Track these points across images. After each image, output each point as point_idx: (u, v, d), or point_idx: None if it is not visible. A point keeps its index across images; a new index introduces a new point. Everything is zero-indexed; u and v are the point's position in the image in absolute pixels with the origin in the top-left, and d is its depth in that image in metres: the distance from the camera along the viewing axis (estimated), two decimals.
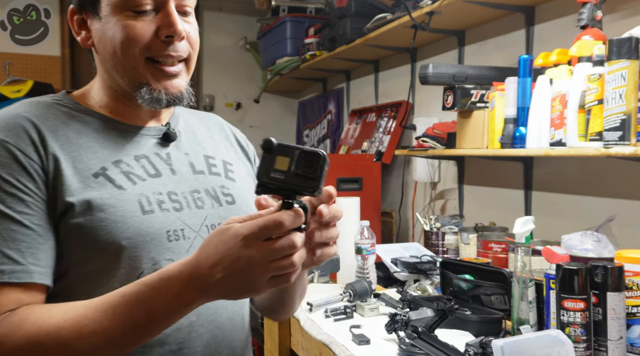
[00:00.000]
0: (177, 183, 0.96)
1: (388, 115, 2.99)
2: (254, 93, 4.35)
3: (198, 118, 1.13)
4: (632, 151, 1.30)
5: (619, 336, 1.17)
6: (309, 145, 4.11)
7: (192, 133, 1.07)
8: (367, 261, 1.87)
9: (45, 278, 0.83)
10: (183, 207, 0.94)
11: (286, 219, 0.71)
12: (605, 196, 1.74)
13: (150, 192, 0.91)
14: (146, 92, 0.92)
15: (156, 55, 0.92)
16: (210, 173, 1.02)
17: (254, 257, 0.71)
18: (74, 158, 0.88)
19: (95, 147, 0.92)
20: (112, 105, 0.98)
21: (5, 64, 3.75)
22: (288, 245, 0.71)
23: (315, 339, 1.50)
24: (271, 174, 0.73)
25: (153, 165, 0.95)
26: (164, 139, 1.00)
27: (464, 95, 1.90)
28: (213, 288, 0.74)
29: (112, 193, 0.88)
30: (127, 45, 0.90)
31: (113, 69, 0.94)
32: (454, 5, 2.00)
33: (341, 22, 2.87)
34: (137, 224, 0.87)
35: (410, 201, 2.77)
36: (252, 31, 4.19)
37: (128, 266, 0.87)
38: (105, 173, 0.89)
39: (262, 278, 0.73)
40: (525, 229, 1.49)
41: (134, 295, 0.77)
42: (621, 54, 1.31)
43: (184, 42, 0.93)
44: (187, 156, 1.01)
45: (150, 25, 0.90)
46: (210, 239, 0.75)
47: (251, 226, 0.71)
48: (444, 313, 1.32)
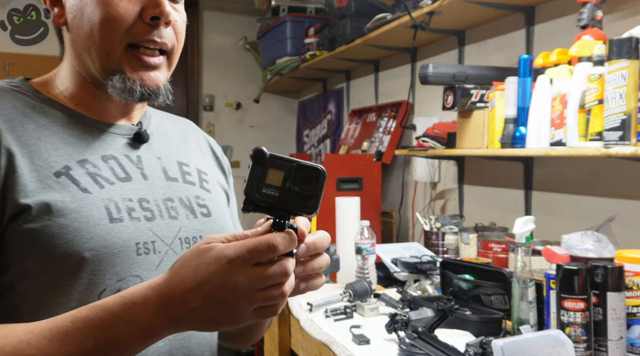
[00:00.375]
0: (148, 189, 0.85)
1: (388, 115, 2.99)
2: (254, 93, 4.35)
3: (172, 121, 1.02)
4: (632, 151, 1.30)
5: (619, 336, 1.17)
6: (308, 145, 4.11)
7: (165, 136, 0.96)
8: (367, 261, 1.87)
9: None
10: (155, 217, 0.83)
11: (280, 242, 0.62)
12: (605, 196, 1.74)
13: (119, 197, 0.80)
14: (118, 81, 0.81)
15: (138, 40, 0.81)
16: (184, 182, 0.91)
17: (241, 283, 0.61)
18: (32, 154, 0.76)
19: (58, 142, 0.80)
20: (78, 96, 0.86)
21: (5, 64, 3.75)
22: (280, 272, 0.62)
23: (315, 339, 1.50)
24: (263, 190, 0.63)
25: (122, 167, 0.84)
26: (135, 140, 0.89)
27: (464, 95, 1.90)
28: (186, 318, 0.63)
29: (75, 196, 0.76)
30: (107, 26, 0.79)
31: (85, 51, 0.82)
32: (454, 5, 2.00)
33: (341, 22, 2.87)
34: (103, 234, 0.76)
35: (410, 201, 2.77)
36: (252, 31, 4.19)
37: (88, 282, 0.74)
38: (68, 173, 0.77)
39: (247, 308, 0.63)
40: (525, 229, 1.49)
41: (88, 321, 0.64)
42: (621, 53, 1.31)
43: (170, 29, 0.84)
44: (160, 160, 0.90)
45: (135, 5, 0.80)
46: (187, 260, 0.64)
47: (239, 248, 0.61)
48: (444, 313, 1.32)
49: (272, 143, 4.35)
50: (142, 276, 0.78)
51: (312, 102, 4.14)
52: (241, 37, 4.27)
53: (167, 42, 0.84)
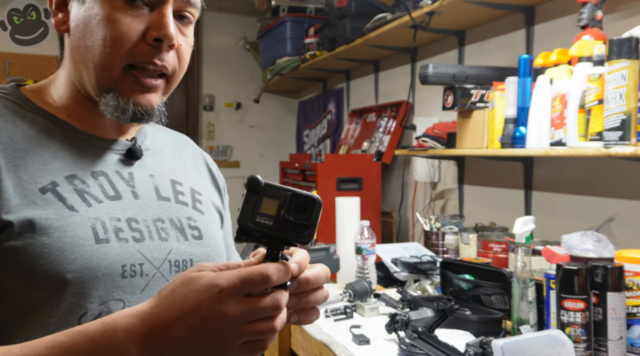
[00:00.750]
0: (138, 208, 0.81)
1: (388, 115, 2.99)
2: (254, 93, 4.35)
3: (168, 137, 0.98)
4: (632, 151, 1.30)
5: (619, 336, 1.17)
6: (308, 145, 4.12)
7: (160, 153, 0.92)
8: (367, 261, 1.87)
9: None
10: (144, 238, 0.79)
11: (274, 273, 0.59)
12: (605, 196, 1.74)
13: (107, 217, 0.76)
14: (112, 99, 0.78)
15: (138, 61, 0.77)
16: (176, 202, 0.87)
17: (231, 314, 0.58)
18: (17, 167, 0.73)
19: (46, 156, 0.76)
20: (72, 108, 0.83)
21: (5, 64, 3.75)
22: (272, 305, 0.60)
23: (315, 339, 1.50)
24: (257, 219, 0.62)
25: (112, 185, 0.80)
26: (128, 156, 0.85)
27: (464, 95, 1.90)
28: (170, 349, 0.59)
29: (61, 214, 0.72)
30: (109, 43, 0.75)
31: (82, 64, 0.79)
32: (454, 5, 2.00)
33: (341, 22, 2.87)
34: (87, 255, 0.72)
35: (410, 201, 2.77)
36: (252, 31, 4.19)
37: (69, 304, 0.70)
38: (55, 190, 0.74)
39: (235, 341, 0.60)
40: (525, 229, 1.49)
41: (64, 348, 0.60)
42: (621, 53, 1.31)
43: (172, 53, 0.80)
44: (152, 178, 0.86)
45: (139, 24, 0.76)
46: (176, 287, 0.60)
47: (232, 277, 0.58)
48: (444, 313, 1.32)
49: (272, 143, 4.35)
50: (125, 300, 0.74)
51: (312, 102, 4.15)
52: (241, 37, 4.27)
53: (168, 66, 0.80)
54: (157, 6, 0.77)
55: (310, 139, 4.10)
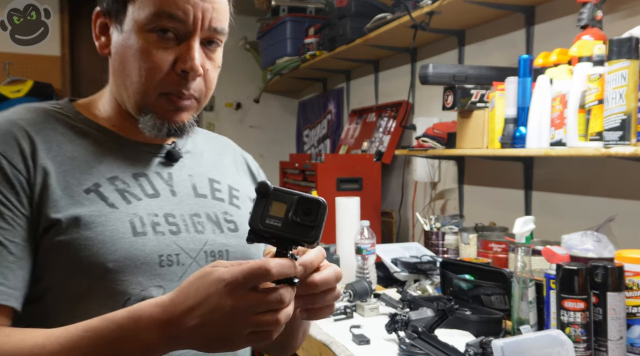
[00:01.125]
0: (176, 205, 0.89)
1: (388, 115, 2.99)
2: (254, 93, 4.35)
3: (209, 139, 1.07)
4: (632, 151, 1.30)
5: (619, 336, 1.17)
6: (308, 145, 4.12)
7: (200, 154, 1.01)
8: (367, 261, 1.87)
9: (11, 299, 0.76)
10: (181, 231, 0.87)
11: (273, 267, 0.64)
12: (605, 196, 1.74)
13: (144, 212, 0.85)
14: (149, 119, 0.87)
15: (169, 90, 0.86)
16: (213, 198, 0.95)
17: (236, 306, 0.64)
18: (65, 172, 0.82)
19: (92, 161, 0.85)
20: (115, 119, 0.92)
21: (5, 63, 3.75)
22: (275, 300, 0.65)
23: (315, 339, 1.50)
24: (266, 221, 0.67)
25: (152, 184, 0.89)
26: (167, 158, 0.94)
27: (464, 95, 1.90)
28: (184, 336, 0.67)
29: (102, 211, 0.81)
30: (144, 74, 0.84)
31: (122, 87, 0.88)
32: (454, 5, 2.00)
33: (341, 22, 2.87)
34: (126, 246, 0.80)
35: (410, 201, 2.77)
36: (252, 31, 4.19)
37: (113, 290, 0.79)
38: (97, 190, 0.83)
39: (241, 332, 0.66)
40: (525, 229, 1.49)
41: (97, 332, 0.69)
42: (621, 53, 1.31)
43: (199, 80, 0.87)
44: (191, 178, 0.95)
45: (169, 55, 0.84)
46: (191, 281, 0.68)
47: (235, 272, 0.65)
48: (444, 313, 1.32)
49: (272, 143, 4.35)
50: (165, 287, 0.82)
51: (312, 102, 4.14)
52: (241, 37, 4.27)
53: (195, 94, 0.88)
54: (185, 39, 0.85)
55: (310, 139, 4.10)
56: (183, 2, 0.82)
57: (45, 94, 3.71)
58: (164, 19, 0.82)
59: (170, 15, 0.82)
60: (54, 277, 0.79)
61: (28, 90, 3.69)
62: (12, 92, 3.67)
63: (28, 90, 3.69)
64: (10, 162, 0.79)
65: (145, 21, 0.83)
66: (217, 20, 0.86)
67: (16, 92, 3.67)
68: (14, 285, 0.76)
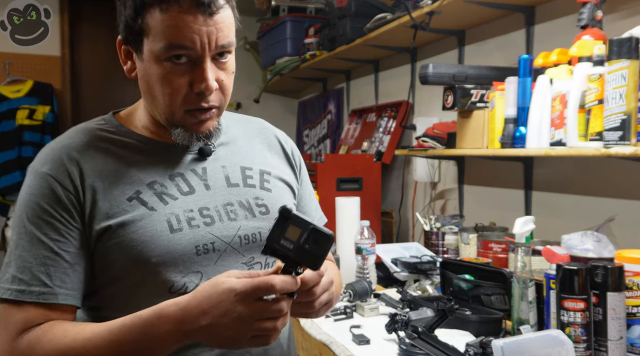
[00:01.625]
0: (210, 197, 1.00)
1: (388, 115, 2.99)
2: (254, 93, 4.35)
3: (241, 125, 1.15)
4: (632, 151, 1.30)
5: (619, 336, 1.17)
6: (308, 145, 4.12)
7: (233, 143, 1.09)
8: (367, 261, 1.87)
9: (70, 299, 0.91)
10: (215, 221, 0.98)
11: (277, 283, 0.78)
12: (605, 196, 1.74)
13: (180, 210, 0.96)
14: (180, 133, 0.97)
15: (191, 107, 0.95)
16: (245, 185, 1.05)
17: (243, 313, 0.78)
18: (110, 185, 0.95)
19: (133, 170, 0.97)
20: (152, 128, 1.02)
21: (5, 63, 3.75)
22: (276, 310, 0.79)
23: (315, 339, 1.50)
24: (281, 241, 0.79)
25: (187, 182, 1.00)
26: (200, 154, 1.03)
27: (464, 95, 1.90)
28: (197, 333, 0.81)
29: (143, 215, 0.94)
30: (167, 99, 0.94)
31: (152, 106, 0.98)
32: (454, 5, 2.00)
33: (341, 22, 2.87)
34: (165, 243, 0.93)
35: (410, 201, 2.77)
36: (252, 31, 4.19)
37: (160, 280, 0.93)
38: (138, 197, 0.95)
39: (245, 335, 0.80)
40: (525, 229, 1.49)
41: (128, 326, 0.84)
42: (621, 53, 1.31)
43: (216, 92, 0.96)
44: (224, 169, 1.05)
45: (185, 78, 0.93)
46: (205, 288, 0.82)
47: (246, 284, 0.78)
48: (444, 313, 1.32)
49: None
50: (202, 272, 0.95)
51: (312, 102, 4.14)
52: (241, 37, 4.27)
53: (215, 104, 0.97)
54: (197, 62, 0.93)
55: (310, 139, 4.10)
56: (189, 32, 0.90)
57: (45, 94, 3.71)
58: (175, 50, 0.91)
59: (180, 46, 0.91)
60: (112, 274, 0.93)
61: (28, 90, 3.69)
62: (12, 92, 3.67)
63: (28, 90, 3.69)
64: (62, 185, 0.92)
65: (160, 53, 0.91)
66: (223, 37, 0.93)
67: (16, 92, 3.67)
68: (72, 286, 0.91)
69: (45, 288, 0.89)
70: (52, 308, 0.90)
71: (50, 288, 0.89)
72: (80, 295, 0.93)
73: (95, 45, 4.04)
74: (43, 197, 0.92)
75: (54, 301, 0.90)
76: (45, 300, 0.89)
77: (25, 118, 3.63)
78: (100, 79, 4.05)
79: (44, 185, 0.93)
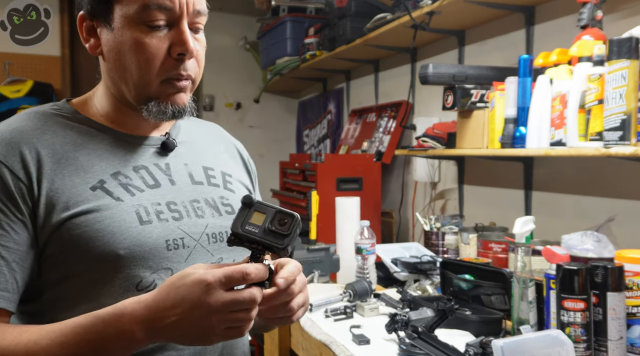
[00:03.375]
0: (176, 193, 0.96)
1: (388, 115, 2.99)
2: (254, 93, 4.35)
3: (200, 127, 1.12)
4: (632, 151, 1.30)
5: (619, 336, 1.17)
6: (308, 145, 4.12)
7: (193, 143, 1.06)
8: (367, 261, 1.87)
9: (2, 301, 0.81)
10: (183, 216, 0.93)
11: (252, 271, 0.74)
12: (605, 196, 1.74)
13: (148, 202, 0.91)
14: (154, 106, 0.92)
15: (169, 76, 0.91)
16: (209, 184, 1.01)
17: (215, 304, 0.73)
18: (70, 173, 0.88)
19: (93, 159, 0.91)
20: (113, 115, 0.97)
21: (5, 64, 3.75)
22: (250, 299, 0.74)
23: (315, 339, 1.50)
24: (246, 227, 0.77)
25: (152, 175, 0.95)
26: (163, 148, 0.99)
27: (464, 95, 1.90)
28: (164, 330, 0.75)
29: (109, 205, 0.87)
30: (143, 66, 0.89)
31: (121, 81, 0.92)
32: (454, 5, 2.00)
33: (341, 22, 2.87)
34: (134, 234, 0.87)
35: (410, 201, 2.77)
36: (252, 31, 4.19)
37: (126, 275, 0.86)
38: (103, 187, 0.89)
39: (217, 326, 0.74)
40: (525, 229, 1.49)
41: (83, 328, 0.77)
42: (621, 53, 1.31)
43: (192, 61, 0.93)
44: (186, 166, 1.01)
45: (163, 42, 0.89)
46: (172, 281, 0.76)
47: (217, 273, 0.73)
48: (444, 313, 1.32)
49: (272, 143, 4.35)
50: (173, 269, 0.89)
51: (312, 102, 4.14)
52: (241, 37, 4.27)
53: (191, 74, 0.93)
54: (174, 24, 0.90)
55: (310, 139, 4.10)
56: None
57: (45, 94, 3.71)
58: (153, 10, 0.87)
59: (158, 5, 0.87)
60: (66, 270, 0.85)
61: (28, 90, 3.69)
62: (12, 92, 3.67)
63: (28, 90, 3.69)
64: (12, 171, 0.84)
65: (135, 15, 0.87)
66: (199, 2, 0.92)
67: (16, 92, 3.67)
68: (5, 287, 0.82)
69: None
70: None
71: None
72: (15, 298, 0.83)
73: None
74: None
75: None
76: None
77: None
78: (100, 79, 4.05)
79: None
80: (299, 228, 0.77)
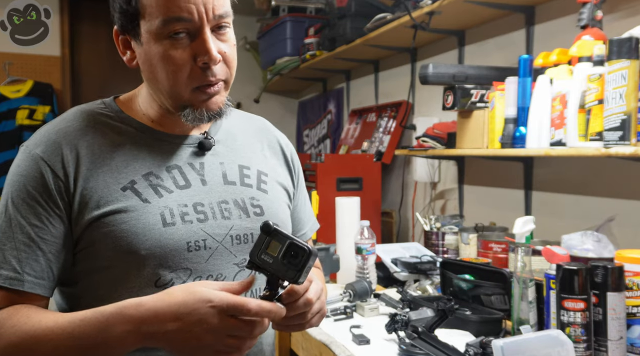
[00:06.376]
0: (205, 193, 0.98)
1: (388, 115, 2.99)
2: (254, 93, 4.35)
3: (243, 122, 1.13)
4: (632, 151, 1.30)
5: (619, 336, 1.17)
6: (308, 145, 4.12)
7: (232, 140, 1.07)
8: (367, 261, 1.87)
9: (38, 288, 0.89)
10: (208, 218, 0.96)
11: (252, 308, 0.78)
12: (605, 196, 1.74)
13: (175, 204, 0.94)
14: (189, 113, 0.95)
15: (199, 84, 0.93)
16: (241, 184, 1.03)
17: (217, 326, 0.77)
18: (105, 173, 0.93)
19: (129, 159, 0.95)
20: (154, 115, 1.00)
21: (5, 63, 3.75)
22: (246, 331, 0.79)
23: (315, 339, 1.50)
24: (262, 256, 0.81)
25: (184, 175, 0.98)
26: (200, 148, 1.01)
27: (464, 95, 1.90)
28: (160, 338, 0.79)
29: (135, 207, 0.92)
30: (171, 77, 0.92)
31: (157, 91, 0.96)
32: (454, 5, 2.00)
33: (341, 22, 2.87)
34: (156, 236, 0.91)
35: (410, 201, 2.77)
36: (252, 31, 4.19)
37: (147, 273, 0.91)
38: (133, 187, 0.93)
39: (209, 347, 0.79)
40: (525, 229, 1.49)
41: (88, 320, 0.82)
42: (621, 53, 1.31)
43: (220, 64, 0.94)
44: (222, 165, 1.02)
45: (187, 53, 0.91)
46: (179, 291, 0.80)
47: (223, 298, 0.78)
48: (444, 313, 1.32)
49: None
50: (192, 269, 0.93)
51: (312, 102, 4.14)
52: (241, 37, 4.27)
53: (221, 77, 0.95)
54: (197, 34, 0.91)
55: (310, 139, 4.10)
56: (185, 3, 0.88)
57: (45, 94, 3.71)
58: (173, 24, 0.89)
59: (177, 18, 0.89)
60: (97, 263, 0.91)
61: (28, 90, 3.69)
62: (12, 92, 3.67)
63: (28, 90, 3.69)
64: (53, 170, 0.90)
65: (158, 30, 0.90)
66: (219, 7, 0.92)
67: (16, 92, 3.67)
68: (42, 275, 0.89)
69: (14, 273, 0.87)
70: (19, 294, 0.88)
71: (19, 274, 0.87)
72: (51, 285, 0.91)
73: (95, 45, 4.03)
74: (31, 179, 0.90)
75: (20, 289, 0.87)
76: (11, 285, 0.87)
77: (25, 119, 3.63)
78: (100, 79, 4.05)
79: (34, 167, 0.90)
80: (312, 261, 0.80)
